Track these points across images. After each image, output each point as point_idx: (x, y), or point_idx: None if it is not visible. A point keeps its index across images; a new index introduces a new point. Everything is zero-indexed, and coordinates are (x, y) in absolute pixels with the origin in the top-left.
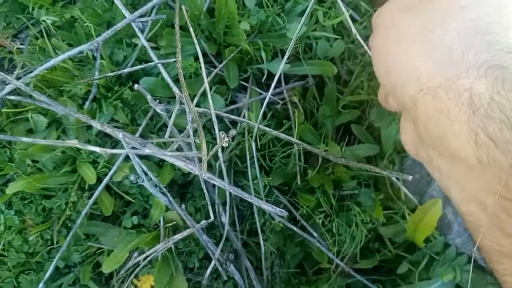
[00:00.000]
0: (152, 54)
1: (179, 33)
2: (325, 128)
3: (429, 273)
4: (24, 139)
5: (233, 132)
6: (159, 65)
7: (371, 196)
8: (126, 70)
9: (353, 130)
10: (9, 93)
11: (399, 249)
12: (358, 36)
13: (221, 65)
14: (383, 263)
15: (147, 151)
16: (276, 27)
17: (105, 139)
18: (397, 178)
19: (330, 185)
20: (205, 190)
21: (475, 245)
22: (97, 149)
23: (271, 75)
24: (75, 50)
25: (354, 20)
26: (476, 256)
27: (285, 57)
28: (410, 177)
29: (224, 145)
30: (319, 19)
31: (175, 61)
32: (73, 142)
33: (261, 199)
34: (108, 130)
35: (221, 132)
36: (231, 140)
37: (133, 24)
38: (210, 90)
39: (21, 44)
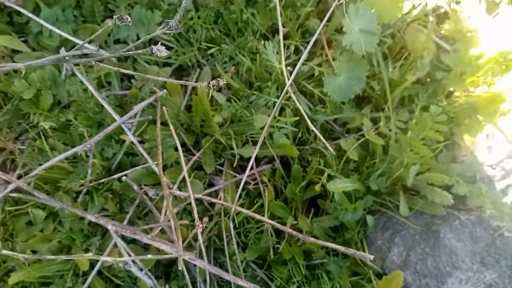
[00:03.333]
0: (140, 149)
1: (160, 129)
2: (294, 203)
3: None
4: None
5: (206, 219)
6: (147, 159)
7: (339, 264)
8: (125, 172)
9: (320, 205)
10: (11, 191)
11: None
12: (313, 128)
13: (198, 153)
14: None
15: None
16: (245, 118)
17: (96, 227)
18: (362, 242)
19: (301, 256)
20: (185, 273)
21: None
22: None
23: (243, 158)
24: (70, 152)
25: (310, 109)
26: None
27: (258, 146)
28: (371, 257)
29: (199, 231)
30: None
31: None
32: (89, 255)
33: (239, 274)
34: (101, 221)
35: (196, 220)
36: (205, 226)
37: (123, 126)
38: (190, 176)
39: (22, 145)
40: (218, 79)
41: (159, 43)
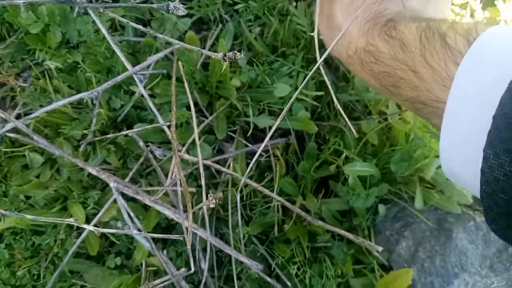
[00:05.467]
0: (151, 104)
1: (175, 85)
2: (304, 181)
3: None
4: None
5: (219, 194)
6: (158, 117)
7: (343, 250)
8: (134, 130)
9: (331, 186)
10: (9, 131)
11: None
12: (339, 107)
13: (211, 117)
14: None
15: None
16: (265, 85)
17: (95, 180)
18: (369, 230)
19: (305, 237)
20: (188, 245)
21: None
22: (94, 228)
23: (256, 128)
24: (75, 97)
25: (335, 84)
26: None
27: (279, 119)
28: (380, 249)
29: (211, 206)
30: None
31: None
32: (70, 220)
33: (240, 248)
34: (102, 176)
35: (210, 193)
36: (217, 201)
37: (134, 76)
38: (200, 139)
39: (24, 82)
40: (235, 52)
41: None
